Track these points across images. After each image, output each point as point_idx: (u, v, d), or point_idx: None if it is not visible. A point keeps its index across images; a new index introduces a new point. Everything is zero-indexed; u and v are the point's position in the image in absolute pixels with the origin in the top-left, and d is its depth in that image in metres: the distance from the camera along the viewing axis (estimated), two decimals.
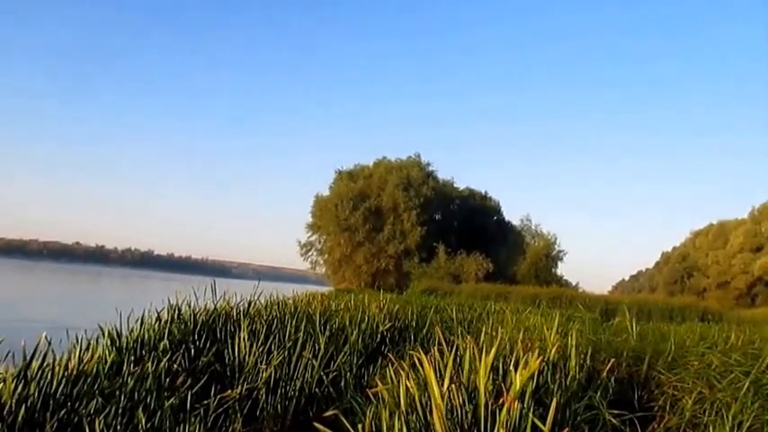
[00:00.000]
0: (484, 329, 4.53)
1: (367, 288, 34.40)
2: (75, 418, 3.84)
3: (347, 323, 7.05)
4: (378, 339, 7.21)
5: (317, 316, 7.00)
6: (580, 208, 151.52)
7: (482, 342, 4.25)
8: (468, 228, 44.05)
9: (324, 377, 5.99)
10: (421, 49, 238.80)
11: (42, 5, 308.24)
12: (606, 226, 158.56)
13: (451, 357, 3.27)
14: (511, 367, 3.61)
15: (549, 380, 3.93)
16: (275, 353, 6.00)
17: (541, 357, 3.29)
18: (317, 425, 3.40)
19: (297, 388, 5.86)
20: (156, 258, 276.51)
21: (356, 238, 41.22)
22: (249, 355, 6.06)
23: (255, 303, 7.56)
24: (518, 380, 3.05)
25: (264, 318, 6.97)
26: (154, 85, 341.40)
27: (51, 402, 3.87)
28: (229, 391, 5.47)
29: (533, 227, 44.43)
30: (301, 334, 6.29)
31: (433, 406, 2.88)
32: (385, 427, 3.03)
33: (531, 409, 3.09)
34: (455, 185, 47.60)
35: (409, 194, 40.74)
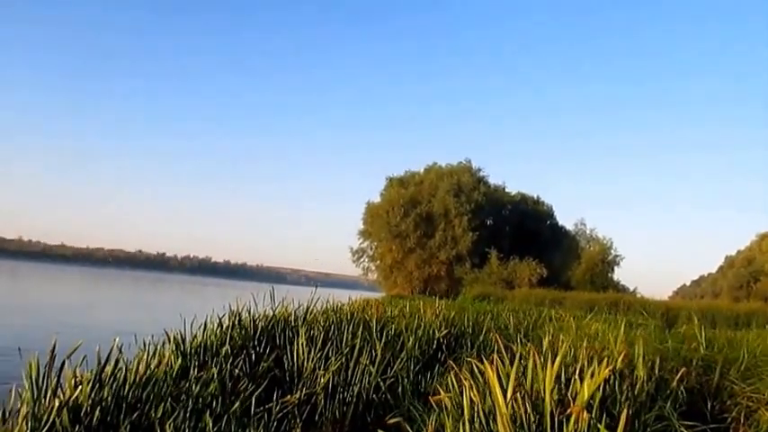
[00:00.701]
0: (546, 337, 4.43)
1: (419, 294, 34.36)
2: (146, 421, 3.99)
3: (403, 329, 7.05)
4: (434, 346, 7.18)
5: (374, 322, 7.02)
6: (638, 211, 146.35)
7: (544, 349, 4.16)
8: (521, 233, 43.48)
9: (381, 383, 5.99)
10: (470, 50, 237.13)
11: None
12: (666, 229, 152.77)
13: (515, 365, 3.22)
14: (576, 376, 3.53)
15: (616, 389, 3.82)
16: (333, 359, 6.05)
17: (610, 366, 3.20)
18: None
19: (354, 394, 5.89)
20: (214, 265, 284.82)
21: (407, 245, 41.31)
22: (307, 361, 6.13)
23: (312, 310, 7.65)
24: (586, 389, 2.97)
25: (322, 324, 7.04)
26: (202, 88, 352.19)
27: (124, 405, 4.02)
28: (289, 396, 5.54)
29: (588, 231, 43.55)
30: (358, 340, 6.31)
31: (498, 415, 2.84)
32: None
33: (600, 420, 3.01)
34: (506, 190, 47.17)
35: (460, 200, 40.55)
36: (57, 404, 3.73)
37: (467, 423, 2.96)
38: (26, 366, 4.01)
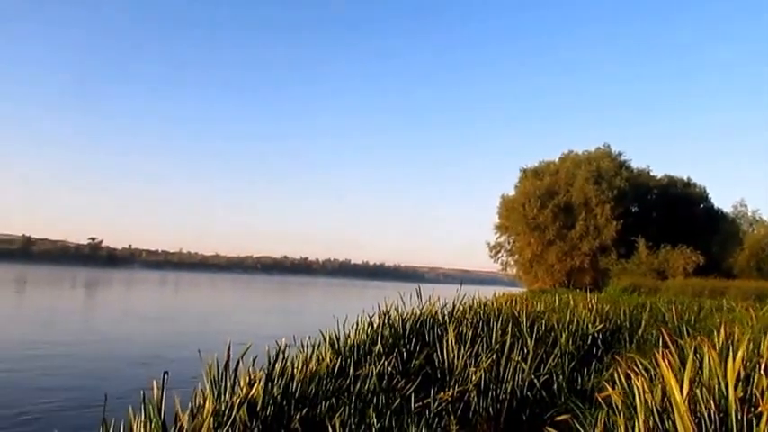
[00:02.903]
0: (722, 329, 4.07)
1: (561, 287, 33.10)
2: (315, 416, 4.23)
3: (555, 324, 6.83)
4: (589, 341, 6.88)
5: (523, 318, 6.88)
6: None
7: (720, 343, 3.83)
8: (671, 218, 40.19)
9: (535, 380, 5.86)
10: (604, 35, 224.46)
11: None
12: None
13: (689, 360, 2.99)
14: (761, 371, 3.21)
15: None
16: (483, 356, 6.01)
17: None
18: (549, 429, 3.33)
19: (508, 391, 5.80)
20: (353, 267, 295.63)
21: (547, 237, 39.91)
22: (458, 358, 6.14)
23: (459, 307, 7.66)
24: None
25: (469, 321, 7.03)
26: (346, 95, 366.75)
27: (293, 401, 4.31)
28: (442, 393, 5.58)
29: (750, 213, 39.34)
30: (508, 337, 6.22)
31: (676, 414, 2.66)
32: None
33: None
34: (652, 174, 43.90)
35: (601, 187, 38.39)
36: (236, 400, 4.07)
37: (641, 421, 2.79)
38: (205, 367, 4.43)
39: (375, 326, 6.98)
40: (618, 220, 37.83)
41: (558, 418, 3.70)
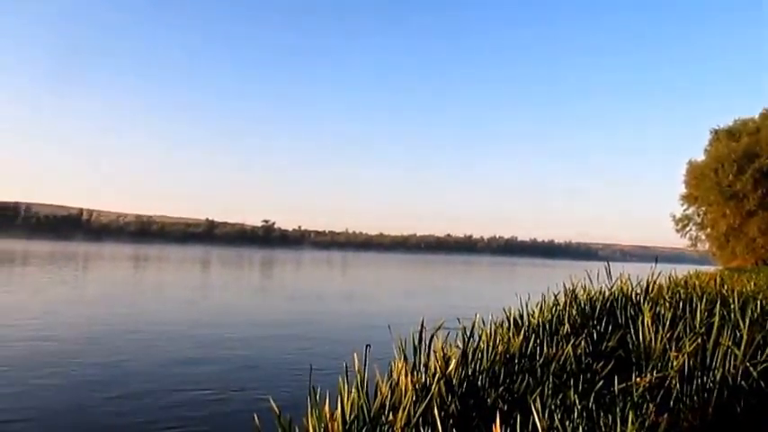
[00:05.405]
0: None
1: (766, 266, 29.36)
2: (509, 395, 4.19)
3: None
4: None
5: (734, 298, 6.18)
6: None
7: None
8: None
9: (750, 368, 5.24)
10: None
11: None
12: None
13: None
14: None
15: None
16: (686, 339, 5.52)
17: None
18: None
19: (716, 379, 5.26)
20: (520, 244, 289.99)
21: (746, 207, 35.54)
22: (655, 341, 5.72)
23: (653, 285, 7.12)
24: None
25: (667, 300, 6.50)
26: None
27: (487, 379, 4.31)
28: (638, 378, 5.24)
29: None
30: (716, 319, 5.63)
31: None
32: None
33: None
34: None
35: None
36: (432, 376, 4.16)
37: None
38: (397, 342, 4.58)
39: (561, 305, 6.75)
40: None
41: None
